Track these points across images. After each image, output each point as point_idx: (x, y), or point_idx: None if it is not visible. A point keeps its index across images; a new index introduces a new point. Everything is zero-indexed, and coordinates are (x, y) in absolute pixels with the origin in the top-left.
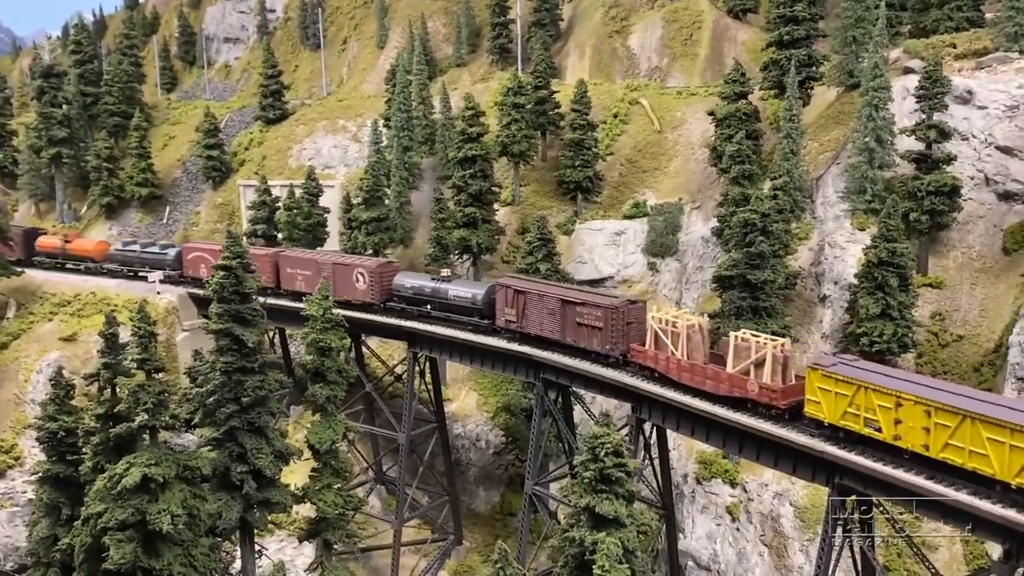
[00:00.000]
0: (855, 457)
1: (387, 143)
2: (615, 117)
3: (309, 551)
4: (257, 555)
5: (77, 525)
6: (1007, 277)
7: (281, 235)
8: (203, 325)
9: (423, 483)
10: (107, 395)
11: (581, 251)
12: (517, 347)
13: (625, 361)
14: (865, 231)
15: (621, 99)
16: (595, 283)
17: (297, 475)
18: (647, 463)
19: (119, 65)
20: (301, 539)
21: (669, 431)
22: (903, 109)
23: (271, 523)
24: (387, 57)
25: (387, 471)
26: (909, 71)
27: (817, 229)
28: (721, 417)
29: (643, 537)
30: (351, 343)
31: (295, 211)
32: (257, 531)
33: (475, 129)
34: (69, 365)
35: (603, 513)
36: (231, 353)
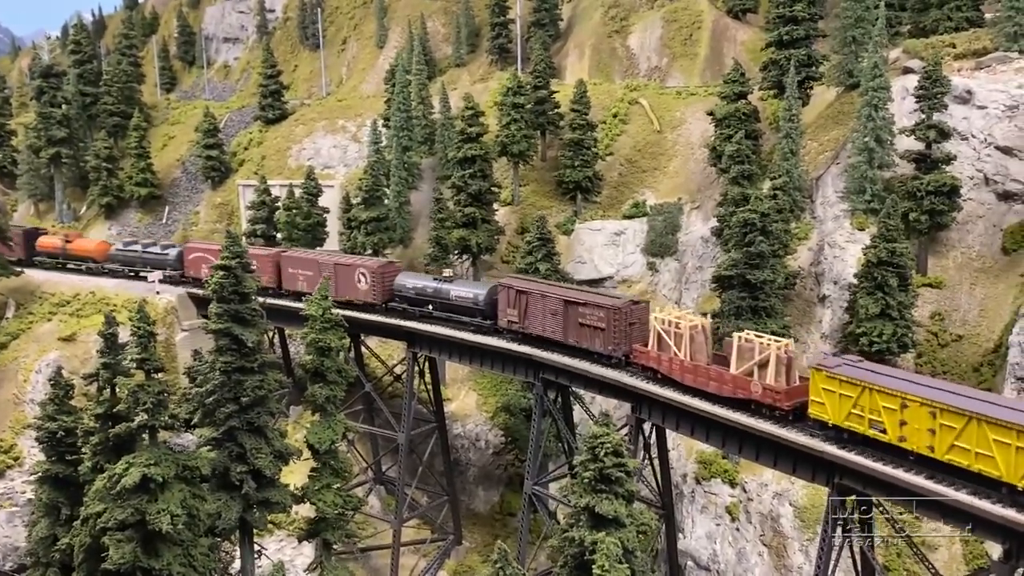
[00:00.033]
0: (855, 457)
1: (386, 143)
2: (615, 117)
3: (308, 551)
4: (256, 555)
5: (76, 525)
6: (1006, 277)
7: (280, 235)
8: (202, 325)
9: (422, 483)
10: (106, 395)
11: (580, 251)
12: (517, 347)
13: (628, 362)
14: (865, 231)
15: (621, 99)
16: (594, 283)
17: (296, 475)
18: (647, 463)
19: (118, 65)
20: (300, 539)
21: (669, 431)
22: (903, 109)
23: (270, 523)
24: (386, 57)
25: (386, 471)
26: (909, 71)
27: (817, 229)
28: (721, 417)
29: (643, 537)
30: (350, 343)
31: (294, 211)
32: (256, 531)
33: (474, 129)
34: (68, 365)
35: (603, 513)
36: (230, 353)
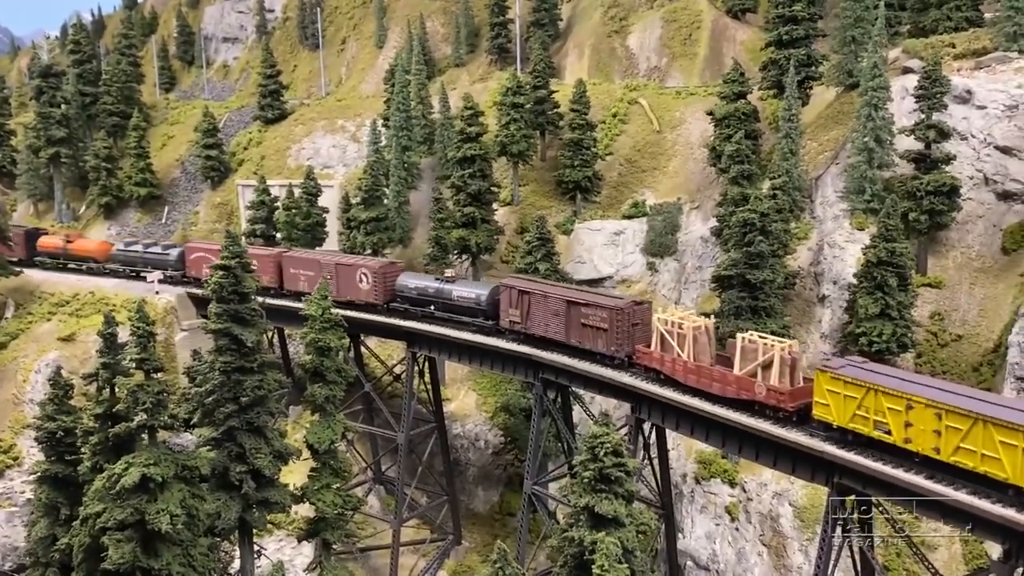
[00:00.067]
0: (854, 457)
1: (386, 143)
2: (614, 117)
3: (308, 551)
4: (256, 555)
5: (76, 525)
6: (1006, 277)
7: (280, 235)
8: (202, 325)
9: (422, 483)
10: (106, 395)
11: (580, 251)
12: (516, 347)
13: (631, 363)
14: (864, 231)
15: (620, 99)
16: (594, 283)
17: (296, 475)
18: (646, 463)
19: (117, 65)
20: (300, 539)
21: (668, 431)
22: (902, 109)
23: (270, 523)
24: (386, 57)
25: (386, 471)
26: (908, 71)
27: (816, 229)
28: (721, 417)
29: (642, 537)
30: (350, 343)
31: (294, 211)
32: (256, 531)
33: (474, 129)
34: (68, 365)
35: (602, 513)
36: (230, 353)
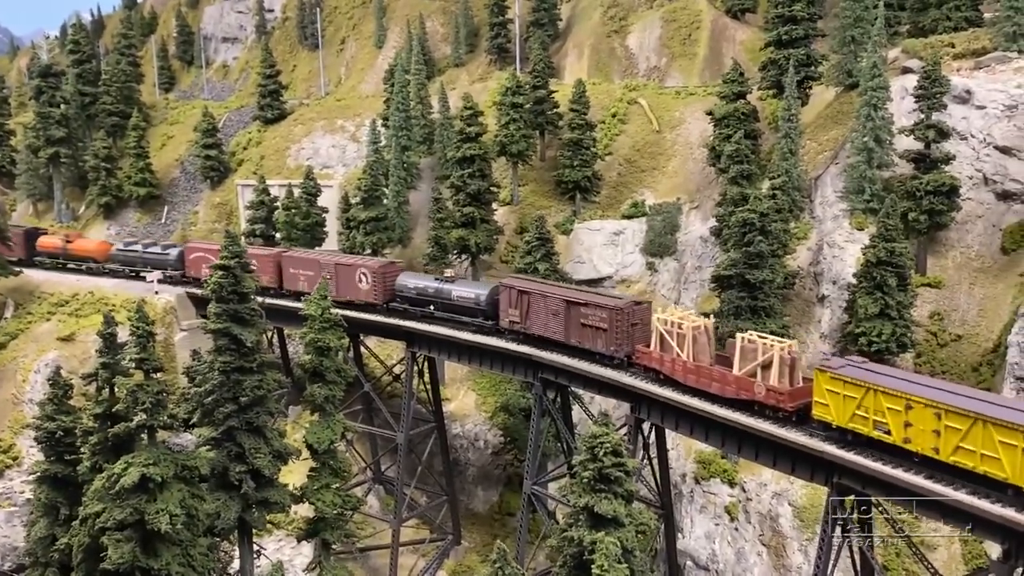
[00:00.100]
0: (854, 456)
1: (385, 143)
2: (613, 117)
3: (307, 551)
4: (255, 555)
5: (75, 525)
6: (1006, 277)
7: (279, 235)
8: (201, 325)
9: (421, 483)
10: (105, 395)
11: (579, 251)
12: (516, 347)
13: (630, 363)
14: (864, 231)
15: (620, 99)
16: (593, 283)
17: (295, 475)
18: (646, 463)
19: (117, 65)
20: (299, 539)
21: (668, 431)
22: (902, 109)
23: (269, 523)
24: (385, 57)
25: (385, 471)
26: (908, 71)
27: (816, 229)
28: (720, 417)
29: (642, 537)
30: (349, 343)
31: (293, 211)
32: (255, 531)
33: (473, 129)
34: (67, 365)
35: (602, 513)
36: (229, 353)
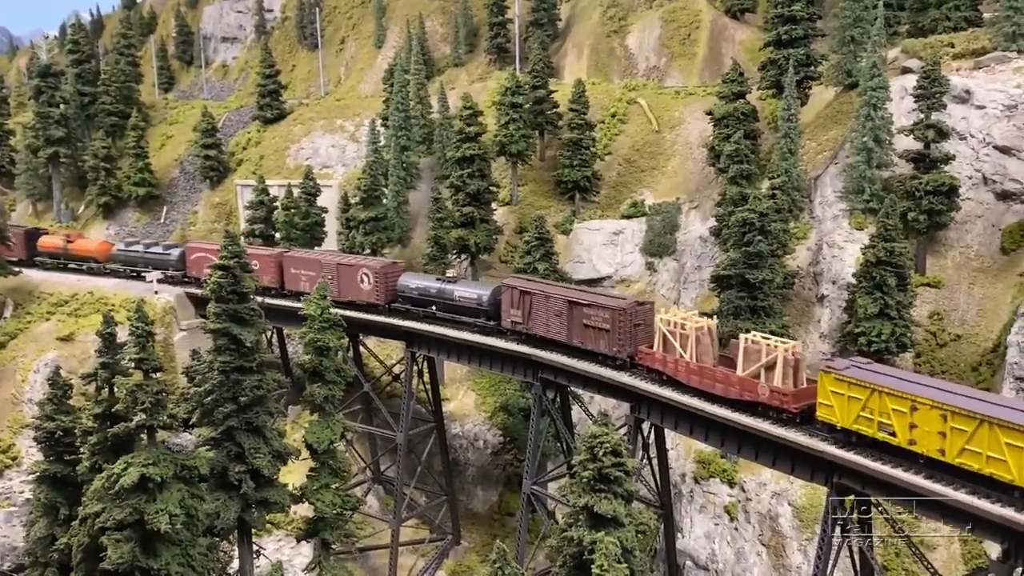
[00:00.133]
0: (853, 456)
1: (385, 143)
2: (613, 117)
3: (307, 551)
4: (255, 555)
5: (75, 525)
6: (1005, 277)
7: (279, 235)
8: (201, 325)
9: (421, 483)
10: (105, 395)
11: (579, 251)
12: (515, 346)
13: (633, 364)
14: (863, 231)
15: (619, 99)
16: (593, 283)
17: (295, 475)
18: (645, 462)
19: (116, 65)
20: (299, 539)
21: (667, 430)
22: (901, 109)
23: (269, 523)
24: (385, 57)
25: (385, 471)
26: (907, 71)
27: (815, 229)
28: (720, 417)
29: (641, 536)
30: (349, 343)
31: (293, 211)
32: (255, 531)
33: (473, 129)
34: (67, 365)
35: (602, 512)
36: (229, 353)
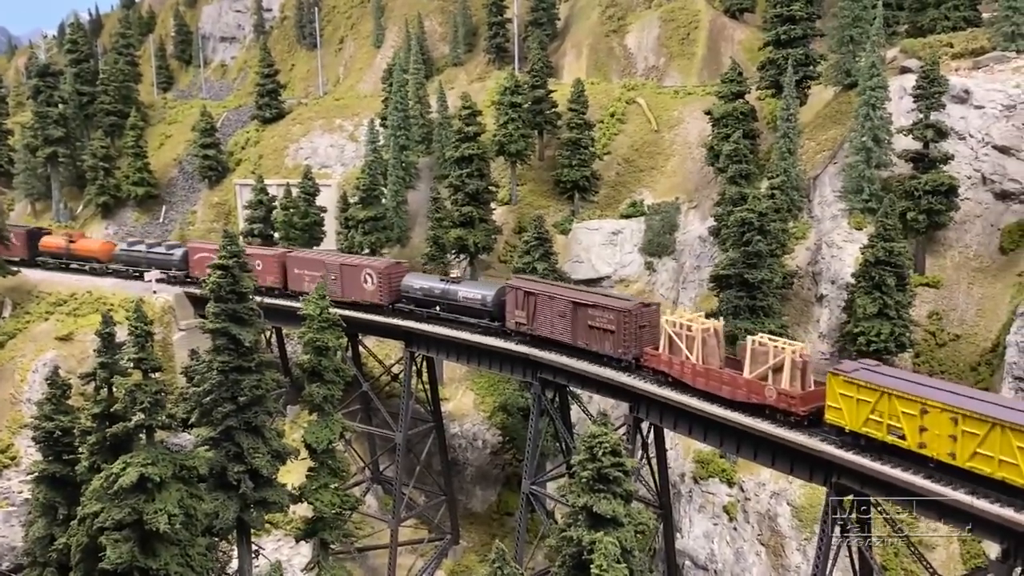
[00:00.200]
0: (853, 456)
1: (384, 142)
2: (612, 116)
3: (306, 551)
4: (254, 555)
5: (73, 525)
6: (1004, 276)
7: (278, 234)
8: (200, 324)
9: (420, 483)
10: (103, 395)
11: (578, 250)
12: (514, 346)
13: (638, 365)
14: (862, 230)
15: (618, 98)
16: (592, 282)
17: (294, 475)
18: (644, 462)
19: (115, 64)
20: (298, 539)
21: (667, 430)
22: (900, 108)
23: (268, 523)
24: (384, 56)
25: (384, 471)
26: (906, 70)
27: (814, 228)
28: (719, 417)
29: (641, 536)
30: (348, 342)
31: (292, 210)
32: (254, 531)
33: (472, 128)
34: (65, 364)
35: (601, 512)
36: (228, 352)
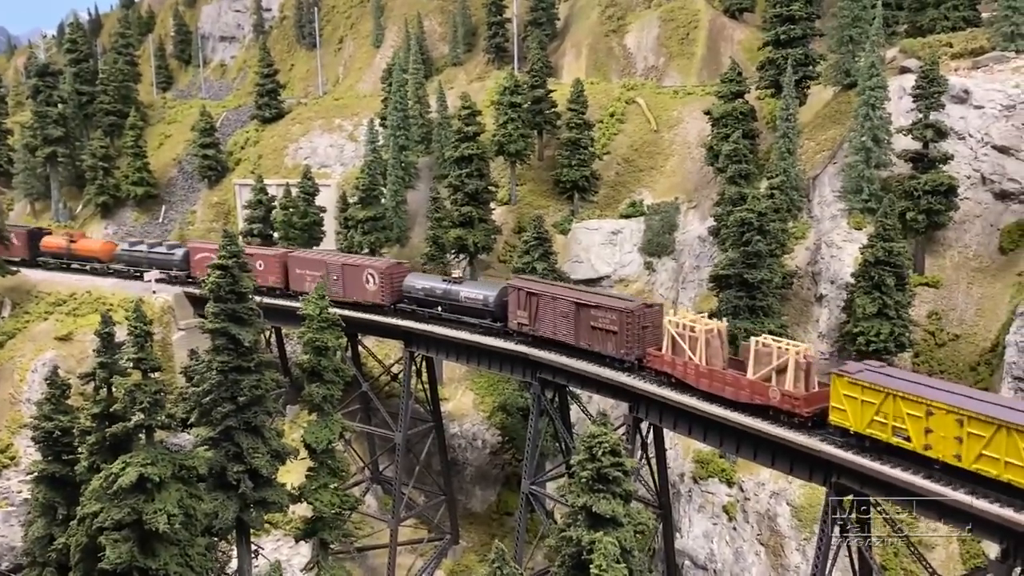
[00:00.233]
0: (852, 456)
1: (383, 142)
2: (612, 116)
3: (305, 551)
4: (253, 555)
5: (73, 525)
6: (1004, 276)
7: (277, 234)
8: (199, 324)
9: (419, 483)
10: (103, 394)
11: (578, 250)
12: (513, 346)
13: (641, 366)
14: (862, 230)
15: (618, 98)
16: (591, 282)
17: (293, 475)
18: (644, 462)
19: (114, 64)
20: (297, 539)
21: (666, 430)
22: (900, 108)
23: (267, 523)
24: (383, 56)
25: (383, 470)
26: (906, 70)
27: (814, 228)
28: (718, 416)
29: (640, 536)
30: (347, 342)
31: (291, 210)
32: (253, 531)
33: (471, 128)
34: (65, 364)
35: (600, 512)
36: (227, 352)
